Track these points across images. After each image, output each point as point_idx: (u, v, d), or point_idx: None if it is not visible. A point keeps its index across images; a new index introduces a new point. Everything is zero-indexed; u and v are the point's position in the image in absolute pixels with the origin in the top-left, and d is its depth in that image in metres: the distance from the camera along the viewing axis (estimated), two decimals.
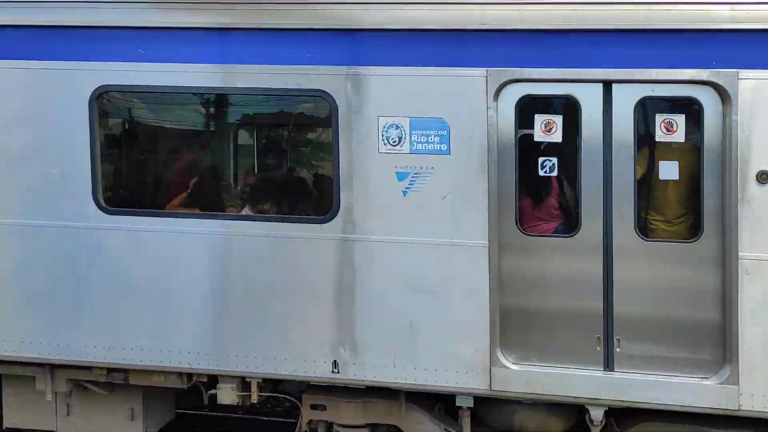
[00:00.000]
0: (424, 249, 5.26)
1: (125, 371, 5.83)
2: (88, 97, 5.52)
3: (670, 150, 5.18)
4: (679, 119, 5.06)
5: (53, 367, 5.89)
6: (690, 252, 5.08)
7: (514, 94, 5.16)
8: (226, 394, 5.64)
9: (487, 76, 5.14)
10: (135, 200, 6.04)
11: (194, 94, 5.71)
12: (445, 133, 5.20)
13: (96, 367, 5.81)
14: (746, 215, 4.88)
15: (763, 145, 4.85)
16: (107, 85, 5.54)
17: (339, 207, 5.33)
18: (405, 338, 5.31)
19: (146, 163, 6.45)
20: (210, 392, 5.75)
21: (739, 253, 4.89)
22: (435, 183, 5.22)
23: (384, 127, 5.26)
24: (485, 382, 5.23)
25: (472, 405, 5.39)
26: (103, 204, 5.59)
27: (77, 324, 5.66)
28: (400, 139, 5.25)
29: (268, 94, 5.47)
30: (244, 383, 5.73)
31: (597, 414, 5.19)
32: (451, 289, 5.24)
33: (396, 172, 5.27)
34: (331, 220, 5.36)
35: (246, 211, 5.79)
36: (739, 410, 4.97)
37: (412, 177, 5.25)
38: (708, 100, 4.97)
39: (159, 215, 5.63)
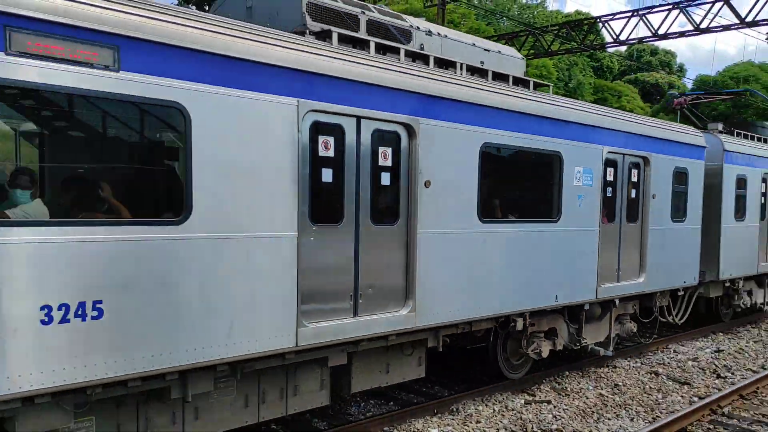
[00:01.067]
0: (579, 232, 10.58)
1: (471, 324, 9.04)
2: (478, 149, 8.61)
3: None
4: None
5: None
6: None
7: (605, 157, 10.97)
8: (520, 324, 9.62)
9: (603, 148, 10.82)
10: (495, 214, 9.14)
11: (514, 151, 9.31)
12: (591, 175, 10.65)
13: (463, 323, 8.83)
14: None
15: None
16: (488, 143, 8.72)
17: (560, 213, 10.09)
18: (577, 277, 10.52)
19: (498, 189, 9.33)
20: (511, 325, 9.53)
21: None
22: (586, 200, 10.60)
23: (576, 171, 10.30)
24: (594, 295, 10.96)
25: (588, 308, 11.01)
26: (481, 216, 8.74)
27: (472, 293, 8.66)
28: (579, 178, 10.38)
29: (532, 151, 9.64)
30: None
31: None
32: (587, 252, 10.73)
33: (577, 195, 10.40)
34: (557, 221, 10.06)
35: (515, 217, 9.72)
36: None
37: (582, 197, 10.48)
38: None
39: (503, 222, 9.15)
